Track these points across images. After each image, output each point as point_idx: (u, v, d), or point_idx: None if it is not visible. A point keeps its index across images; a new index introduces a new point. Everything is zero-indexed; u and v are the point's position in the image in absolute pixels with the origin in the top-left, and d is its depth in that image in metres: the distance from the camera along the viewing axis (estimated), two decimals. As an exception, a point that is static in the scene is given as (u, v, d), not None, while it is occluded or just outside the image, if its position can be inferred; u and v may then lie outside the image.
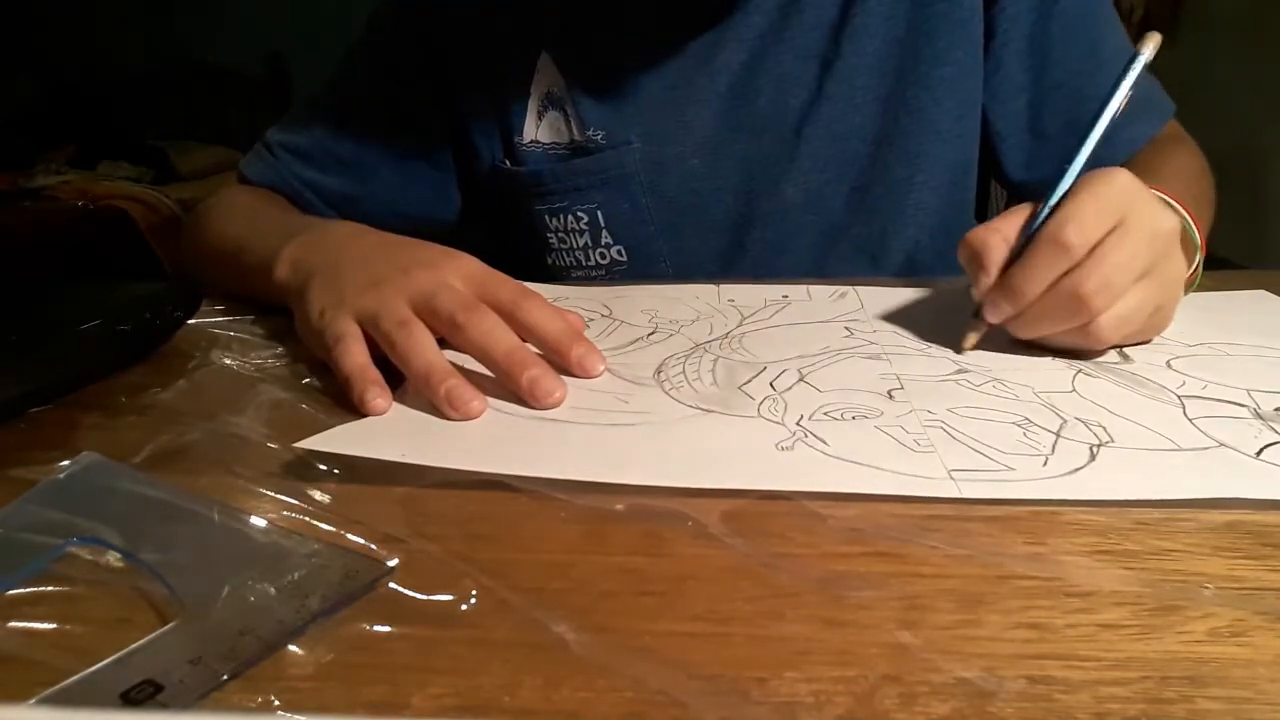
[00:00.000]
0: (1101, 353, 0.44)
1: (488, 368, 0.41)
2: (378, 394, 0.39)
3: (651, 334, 0.49)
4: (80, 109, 3.52)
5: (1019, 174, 0.69)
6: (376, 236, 0.50)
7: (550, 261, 0.69)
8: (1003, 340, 0.45)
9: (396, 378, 0.41)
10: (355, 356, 0.41)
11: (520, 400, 0.39)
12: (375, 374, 0.40)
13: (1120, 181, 0.42)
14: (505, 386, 0.40)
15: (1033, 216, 0.43)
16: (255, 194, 0.69)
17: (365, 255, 0.47)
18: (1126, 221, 0.41)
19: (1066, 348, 0.44)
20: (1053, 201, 0.43)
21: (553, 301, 0.45)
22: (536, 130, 0.67)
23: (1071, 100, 0.65)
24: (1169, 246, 0.42)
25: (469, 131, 0.68)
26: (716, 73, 0.65)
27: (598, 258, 0.68)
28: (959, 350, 0.45)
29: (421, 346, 0.40)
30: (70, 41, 3.59)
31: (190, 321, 0.52)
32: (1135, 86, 0.45)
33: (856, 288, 0.57)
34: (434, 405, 0.39)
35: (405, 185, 0.70)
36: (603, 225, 0.67)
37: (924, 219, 0.68)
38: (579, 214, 0.67)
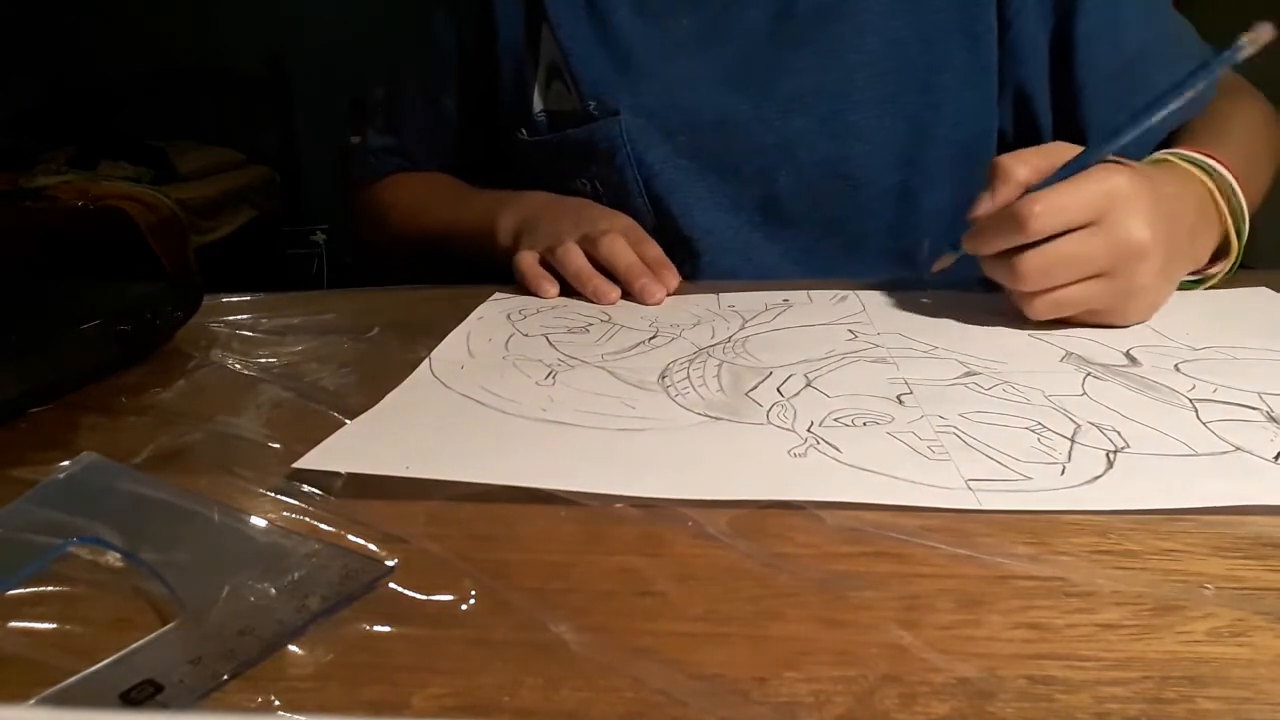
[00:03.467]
0: (1107, 362, 0.43)
1: (613, 273, 0.57)
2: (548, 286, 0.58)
3: (653, 338, 0.49)
4: (80, 109, 3.52)
5: None
6: (558, 205, 0.66)
7: None
8: (1008, 343, 0.45)
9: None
10: (575, 258, 0.58)
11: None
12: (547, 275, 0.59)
13: (1115, 183, 0.43)
14: (626, 288, 0.57)
15: (1069, 163, 0.45)
16: (407, 181, 0.82)
17: (556, 220, 0.64)
18: (1101, 224, 0.43)
19: (1017, 308, 0.47)
20: (1089, 161, 0.45)
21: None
22: (546, 100, 0.71)
23: (1099, 102, 0.65)
24: (1137, 261, 0.44)
25: (500, 107, 0.74)
26: (707, 48, 0.66)
27: None
28: (929, 271, 0.51)
29: (577, 257, 0.57)
30: (70, 41, 3.59)
31: (190, 321, 0.52)
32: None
33: (857, 291, 0.57)
34: (585, 297, 0.57)
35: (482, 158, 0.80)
36: (599, 196, 0.69)
37: (934, 220, 0.69)
38: (582, 183, 0.70)
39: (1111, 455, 0.33)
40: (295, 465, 0.33)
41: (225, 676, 0.23)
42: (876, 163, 0.66)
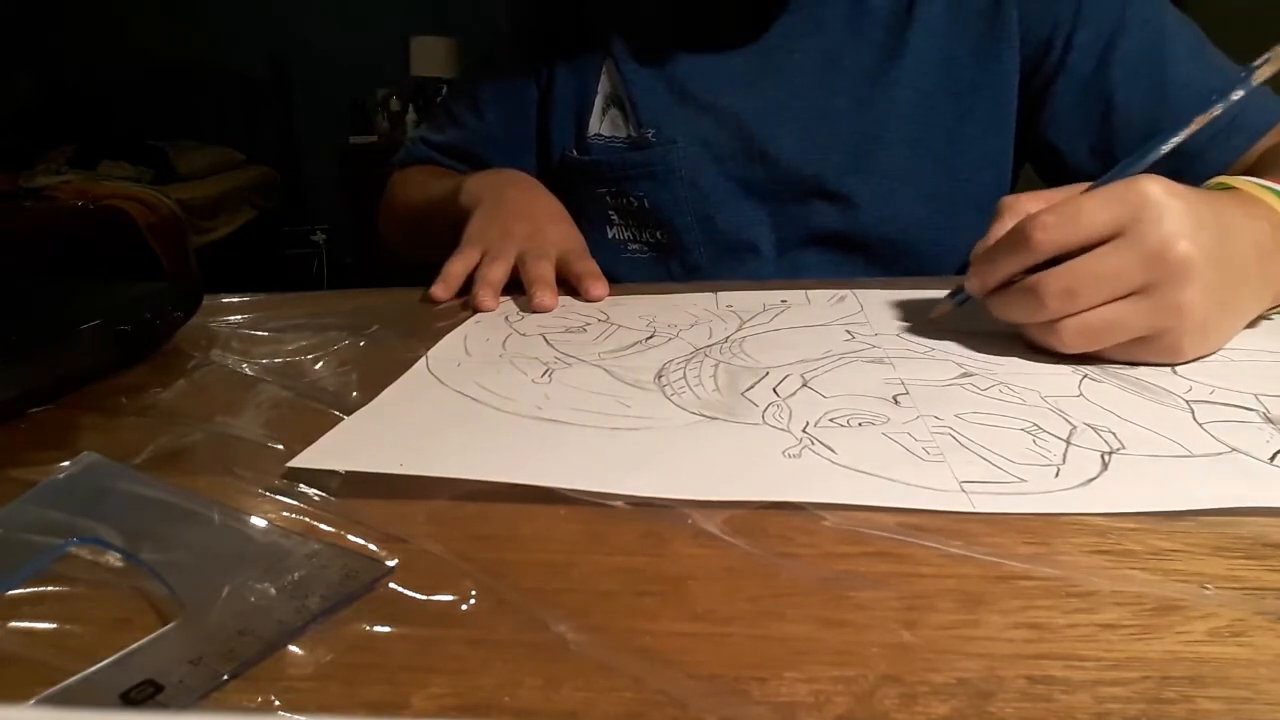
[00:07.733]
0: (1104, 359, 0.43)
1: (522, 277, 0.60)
2: (489, 296, 0.58)
3: (650, 338, 0.49)
4: (80, 109, 3.52)
5: None
6: (523, 189, 0.72)
7: (611, 235, 0.80)
8: (1006, 343, 0.45)
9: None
10: (496, 271, 0.61)
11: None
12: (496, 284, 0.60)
13: (1141, 189, 0.39)
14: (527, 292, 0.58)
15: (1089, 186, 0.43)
16: (417, 169, 0.91)
17: (514, 207, 0.69)
18: (1130, 234, 0.39)
19: (1045, 346, 0.43)
20: (1110, 180, 0.42)
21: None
22: (600, 125, 0.79)
23: (1141, 135, 0.64)
24: (1178, 273, 0.38)
25: (549, 127, 0.82)
26: (756, 85, 0.73)
27: (646, 237, 0.78)
28: (929, 317, 0.49)
29: (540, 267, 0.60)
30: (70, 41, 3.59)
31: (190, 321, 0.52)
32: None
33: (856, 291, 0.57)
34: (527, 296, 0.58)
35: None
36: (649, 210, 0.76)
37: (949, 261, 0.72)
38: (631, 199, 0.77)
39: (1106, 457, 0.33)
40: (289, 464, 0.34)
41: (225, 676, 0.23)
42: (903, 197, 0.72)
